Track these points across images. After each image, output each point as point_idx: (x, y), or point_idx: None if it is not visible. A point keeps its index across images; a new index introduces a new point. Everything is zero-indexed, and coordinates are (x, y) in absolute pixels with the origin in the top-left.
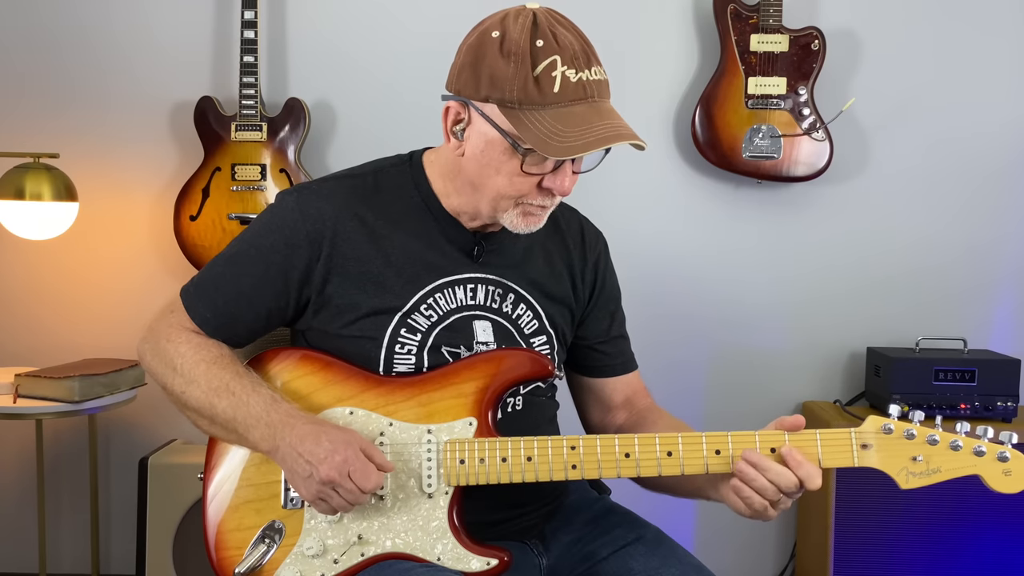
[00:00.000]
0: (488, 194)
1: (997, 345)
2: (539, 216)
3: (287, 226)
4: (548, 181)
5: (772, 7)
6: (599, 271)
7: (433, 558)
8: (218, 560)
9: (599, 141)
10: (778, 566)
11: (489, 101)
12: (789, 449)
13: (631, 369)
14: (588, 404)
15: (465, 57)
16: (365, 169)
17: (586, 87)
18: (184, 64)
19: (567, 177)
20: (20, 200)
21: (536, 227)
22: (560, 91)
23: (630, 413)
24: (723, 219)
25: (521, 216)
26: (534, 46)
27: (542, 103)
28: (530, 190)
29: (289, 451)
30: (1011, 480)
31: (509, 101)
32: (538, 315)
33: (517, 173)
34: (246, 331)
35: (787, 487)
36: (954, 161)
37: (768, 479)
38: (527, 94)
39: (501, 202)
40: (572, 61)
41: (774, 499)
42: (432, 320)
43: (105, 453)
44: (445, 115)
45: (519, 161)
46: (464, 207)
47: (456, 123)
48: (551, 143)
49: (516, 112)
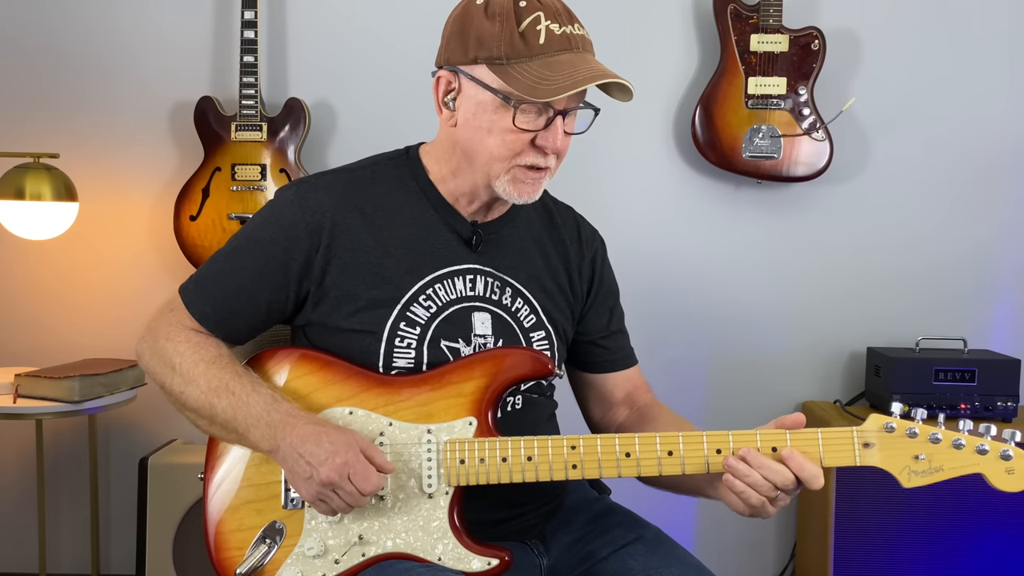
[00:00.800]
0: (481, 159)
1: (997, 345)
2: (532, 184)
3: (286, 219)
4: (541, 138)
5: (772, 7)
6: (596, 267)
7: (434, 558)
8: (219, 560)
9: (586, 80)
10: (778, 566)
11: (477, 62)
12: (791, 452)
13: (631, 364)
14: (589, 400)
15: (452, 27)
16: (363, 163)
17: (571, 39)
18: (184, 64)
19: (559, 133)
20: (20, 200)
21: (531, 197)
22: (546, 42)
23: (631, 409)
24: (723, 219)
25: (512, 183)
26: (517, 5)
27: (529, 55)
28: (523, 148)
29: (290, 451)
30: (1014, 479)
31: (496, 58)
32: (535, 310)
33: (510, 130)
34: (246, 326)
35: (783, 484)
36: (954, 161)
37: (763, 475)
38: (514, 48)
39: (494, 166)
40: (555, 17)
41: (770, 495)
42: (431, 311)
43: (105, 453)
44: (436, 87)
45: (511, 116)
46: (461, 187)
47: (447, 93)
48: (540, 87)
49: (504, 67)
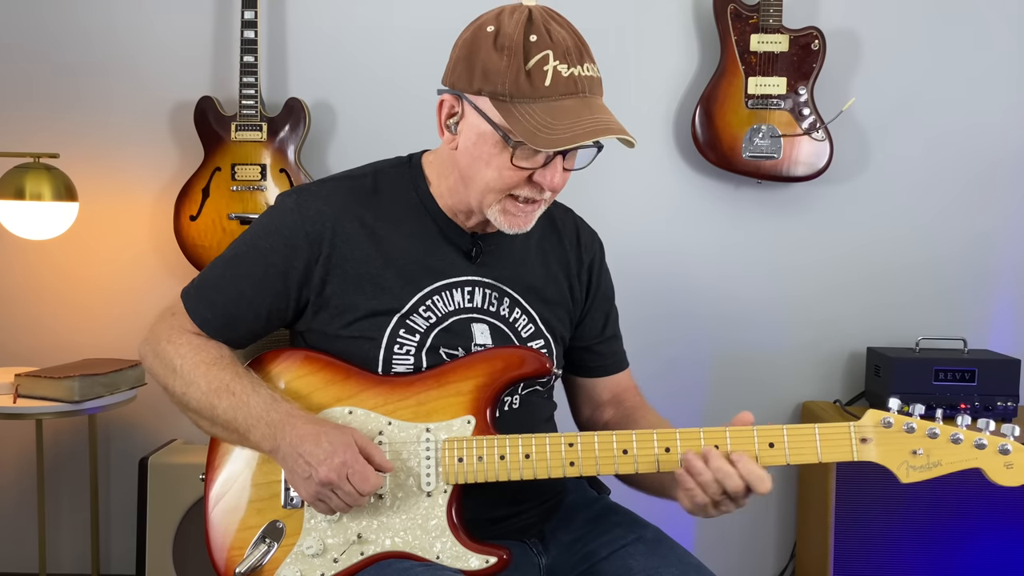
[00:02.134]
0: (477, 187)
1: (997, 345)
2: (522, 217)
3: (287, 227)
4: (538, 176)
5: (772, 7)
6: (594, 272)
7: (432, 556)
8: (219, 560)
9: (587, 134)
10: (778, 566)
11: (481, 94)
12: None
13: (622, 368)
14: (578, 401)
15: (460, 51)
16: (364, 171)
17: (577, 82)
18: (184, 64)
19: (557, 173)
20: (20, 200)
21: (520, 228)
22: (551, 85)
23: (617, 409)
24: (723, 219)
25: (502, 214)
26: (527, 40)
27: (533, 96)
28: (519, 183)
29: (289, 451)
30: (1013, 473)
31: (501, 94)
32: (533, 320)
33: (507, 167)
34: (246, 332)
35: (733, 489)
36: (954, 161)
37: (714, 476)
38: (518, 87)
39: (487, 196)
40: (565, 56)
41: (715, 498)
42: (431, 322)
43: (105, 453)
44: (440, 108)
45: (509, 154)
46: (459, 205)
47: (450, 116)
48: (539, 135)
49: (507, 105)
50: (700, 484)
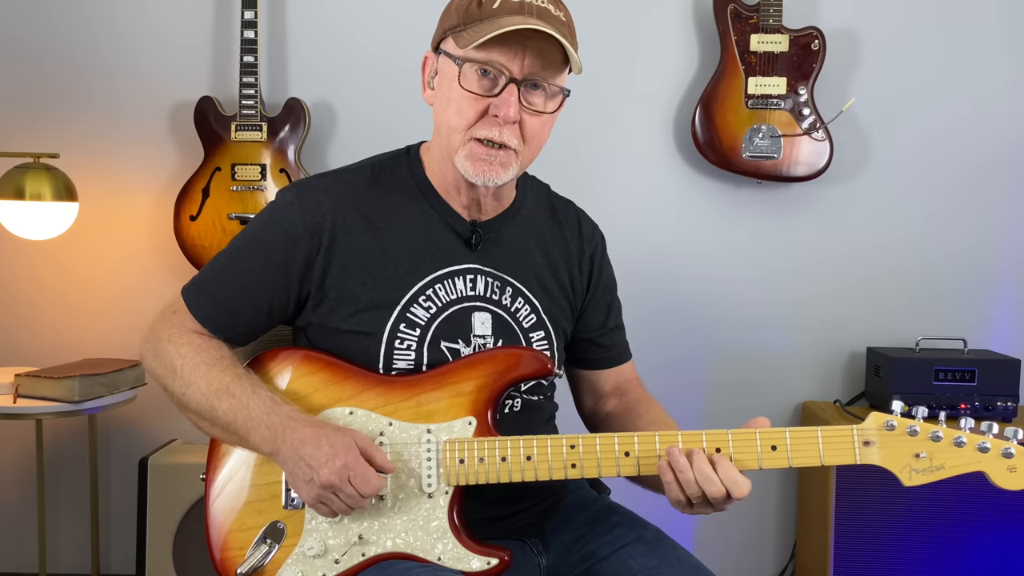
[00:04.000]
0: (443, 132)
1: (997, 345)
2: (487, 163)
3: (287, 220)
4: (493, 107)
5: (772, 7)
6: (595, 263)
7: (433, 558)
8: (220, 560)
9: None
10: (778, 566)
11: (445, 37)
12: (719, 457)
13: (625, 360)
14: (581, 392)
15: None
16: (363, 164)
17: (525, 5)
18: (184, 64)
19: (511, 103)
20: (20, 200)
21: (489, 177)
22: (499, 7)
23: (619, 400)
24: (723, 219)
25: (469, 159)
26: None
27: (480, 18)
28: (475, 116)
29: (291, 454)
30: (1016, 477)
31: (456, 26)
32: (535, 309)
33: (463, 95)
34: (248, 327)
35: (712, 494)
36: (954, 161)
37: (695, 477)
38: (468, 14)
39: (452, 137)
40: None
41: (693, 498)
42: (431, 312)
43: (105, 453)
44: (423, 69)
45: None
46: (446, 175)
47: (431, 75)
48: (471, 40)
49: (460, 33)
50: (680, 482)
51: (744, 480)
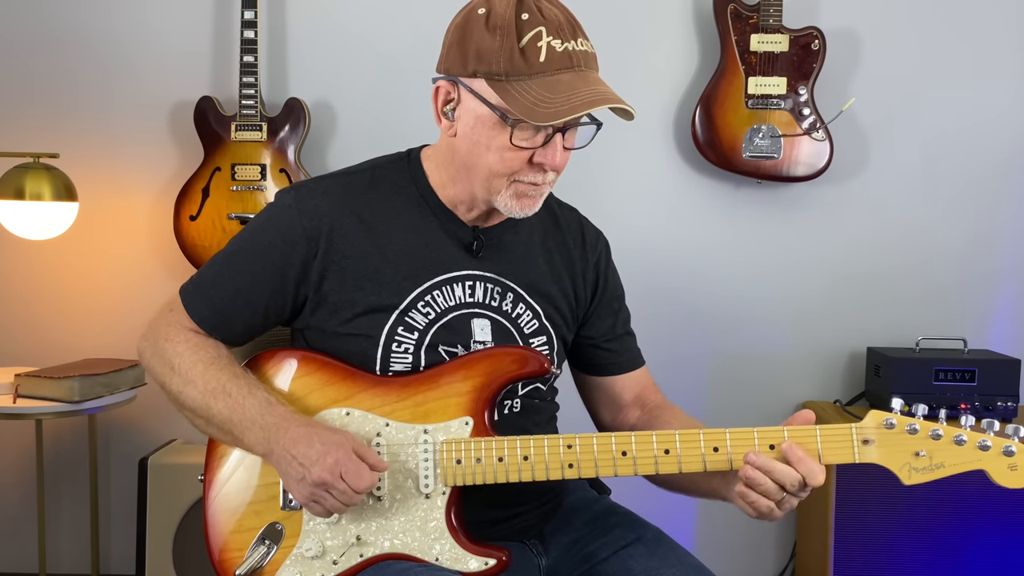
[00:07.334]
0: (480, 174)
1: (997, 345)
2: (533, 198)
3: (284, 223)
4: (539, 156)
5: (772, 7)
6: (600, 270)
7: (431, 558)
8: (219, 561)
9: (584, 105)
10: (778, 566)
11: (477, 76)
12: (789, 445)
13: (639, 365)
14: (599, 404)
15: (452, 36)
16: (363, 167)
17: (572, 56)
18: (184, 64)
19: (558, 151)
20: (20, 200)
21: (531, 210)
22: (546, 60)
23: (642, 411)
24: (723, 219)
25: (515, 198)
26: (519, 19)
27: (528, 73)
28: (521, 166)
29: (283, 454)
30: (1017, 475)
31: (496, 74)
32: (537, 315)
33: (507, 148)
34: (244, 329)
35: (791, 485)
36: (954, 161)
37: (773, 479)
38: (513, 65)
39: (494, 181)
40: (558, 32)
41: (778, 499)
42: (430, 318)
43: (105, 453)
44: (435, 96)
45: (508, 134)
46: (460, 195)
47: (446, 103)
48: (538, 110)
49: (503, 84)
50: (763, 493)
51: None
